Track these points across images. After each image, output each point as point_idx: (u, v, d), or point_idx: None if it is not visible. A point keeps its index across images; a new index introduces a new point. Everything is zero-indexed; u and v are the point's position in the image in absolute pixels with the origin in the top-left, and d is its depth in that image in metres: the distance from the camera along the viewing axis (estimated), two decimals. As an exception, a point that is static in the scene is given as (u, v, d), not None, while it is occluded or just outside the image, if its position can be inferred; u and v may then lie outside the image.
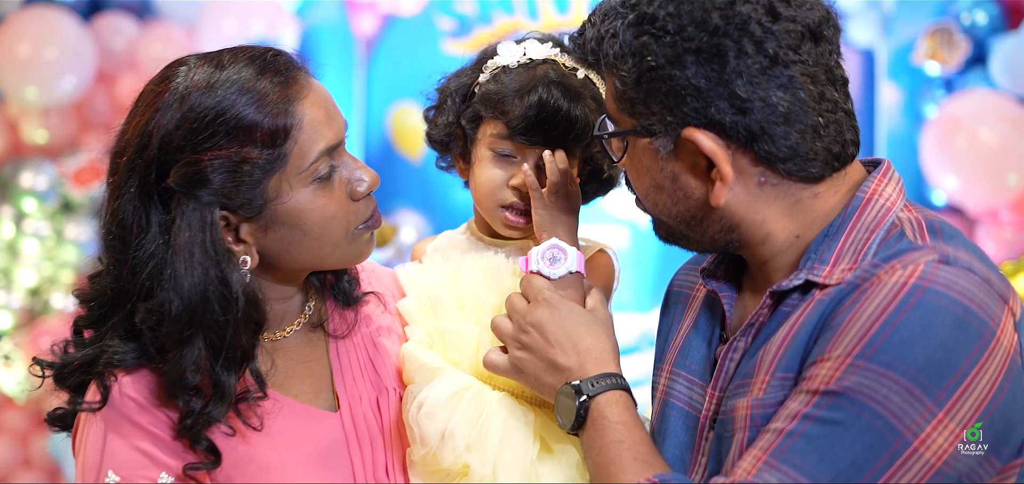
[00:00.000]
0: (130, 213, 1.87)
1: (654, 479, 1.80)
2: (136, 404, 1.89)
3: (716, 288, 1.97)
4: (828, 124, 1.78)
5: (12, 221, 5.67)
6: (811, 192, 1.82)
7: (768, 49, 1.73)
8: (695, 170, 1.82)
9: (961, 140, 5.37)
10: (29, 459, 5.88)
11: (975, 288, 1.70)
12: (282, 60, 1.92)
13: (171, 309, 1.86)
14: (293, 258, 1.97)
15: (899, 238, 1.79)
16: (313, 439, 2.00)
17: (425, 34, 6.39)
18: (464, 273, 2.16)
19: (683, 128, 1.78)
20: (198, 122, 1.84)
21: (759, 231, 1.85)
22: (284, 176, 1.89)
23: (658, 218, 1.93)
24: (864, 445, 1.66)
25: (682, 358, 2.02)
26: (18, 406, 5.82)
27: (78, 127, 5.82)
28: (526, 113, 2.09)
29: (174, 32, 5.80)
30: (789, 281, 1.82)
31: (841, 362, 1.68)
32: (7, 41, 5.58)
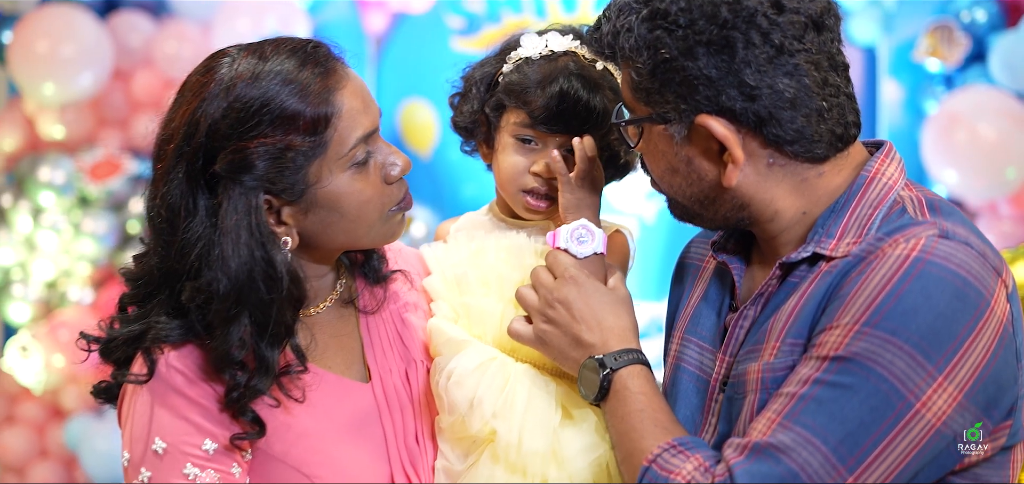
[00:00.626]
0: (178, 197, 1.96)
1: (673, 441, 1.91)
2: (182, 376, 1.98)
3: (726, 260, 2.08)
4: (831, 108, 1.90)
5: (30, 215, 5.71)
6: (816, 171, 1.94)
7: (774, 39, 1.85)
8: (708, 153, 1.94)
9: (961, 135, 5.40)
10: (46, 450, 5.98)
11: (972, 261, 1.82)
12: (322, 52, 2.02)
13: (219, 288, 1.94)
14: (330, 239, 2.07)
15: (900, 214, 1.91)
16: (347, 408, 2.10)
17: (434, 32, 6.40)
18: (488, 252, 2.25)
19: (696, 115, 1.90)
20: (244, 111, 1.93)
21: (768, 209, 1.97)
22: (324, 162, 1.99)
23: (673, 199, 2.05)
24: (871, 407, 1.78)
25: (693, 325, 2.13)
26: (35, 397, 5.90)
27: (95, 123, 5.86)
28: (548, 103, 2.18)
29: (189, 30, 5.83)
30: (798, 253, 1.94)
31: (849, 329, 1.80)
32: (25, 38, 5.61)
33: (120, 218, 5.80)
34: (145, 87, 5.84)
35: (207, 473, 1.97)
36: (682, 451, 1.89)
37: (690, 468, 1.86)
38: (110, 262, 5.82)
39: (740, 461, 1.81)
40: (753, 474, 1.79)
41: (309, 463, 2.03)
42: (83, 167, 5.68)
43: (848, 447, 1.78)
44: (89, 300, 5.84)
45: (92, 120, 5.85)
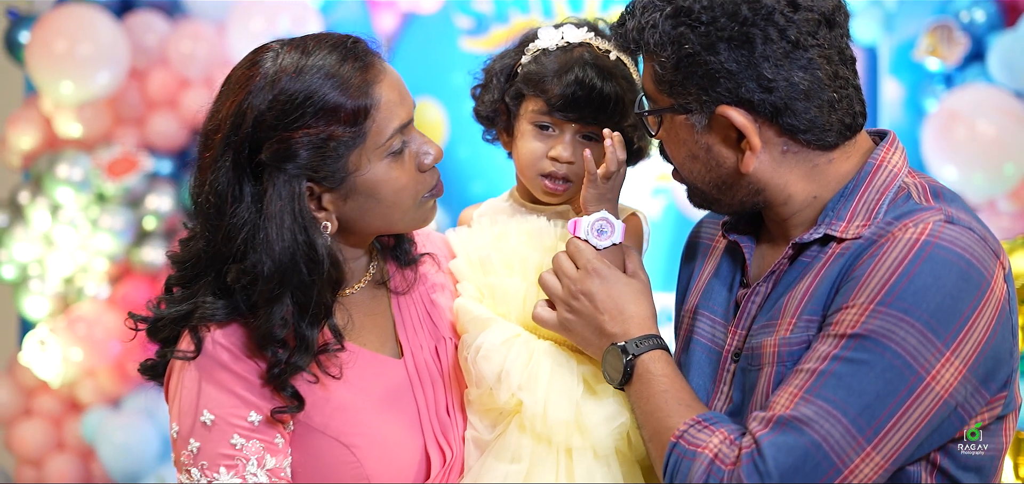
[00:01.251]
0: (225, 185, 2.05)
1: (698, 418, 2.03)
2: (228, 353, 2.08)
3: (738, 239, 2.20)
4: (841, 99, 2.03)
5: (48, 211, 5.76)
6: (826, 158, 2.07)
7: (790, 35, 1.98)
8: (727, 141, 2.07)
9: (960, 132, 5.44)
10: (62, 442, 6.00)
11: (975, 245, 1.95)
12: (361, 47, 2.12)
13: (263, 270, 2.04)
14: (367, 224, 2.17)
15: (906, 200, 2.03)
16: (382, 382, 2.20)
17: (443, 32, 6.47)
18: (510, 235, 2.35)
19: (717, 106, 2.03)
20: (289, 104, 2.03)
21: (782, 193, 2.09)
22: (363, 151, 2.08)
23: (693, 185, 2.17)
24: (886, 381, 1.90)
25: (705, 300, 2.25)
26: (52, 390, 5.92)
27: (111, 121, 5.89)
28: (564, 91, 2.29)
29: (203, 29, 5.87)
30: (810, 234, 2.06)
31: (865, 308, 1.92)
32: (44, 38, 5.64)
33: (137, 214, 5.83)
34: (161, 86, 5.87)
35: (252, 443, 2.07)
36: (708, 426, 2.01)
37: (716, 441, 1.97)
38: (126, 258, 5.87)
39: (765, 433, 1.92)
40: (778, 446, 1.91)
41: (348, 434, 2.13)
42: (100, 164, 5.72)
43: (866, 419, 1.90)
44: (106, 295, 5.88)
45: (109, 118, 5.89)
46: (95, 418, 5.86)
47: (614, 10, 6.21)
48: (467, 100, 2.53)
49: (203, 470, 2.07)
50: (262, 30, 5.67)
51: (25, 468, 5.99)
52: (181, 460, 2.11)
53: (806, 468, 1.90)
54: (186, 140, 5.95)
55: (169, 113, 5.91)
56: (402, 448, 2.18)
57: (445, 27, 6.50)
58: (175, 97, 5.90)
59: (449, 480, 2.22)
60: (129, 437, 5.75)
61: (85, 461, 6.00)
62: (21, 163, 5.99)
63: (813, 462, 1.90)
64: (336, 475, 2.13)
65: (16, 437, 5.96)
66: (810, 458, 1.90)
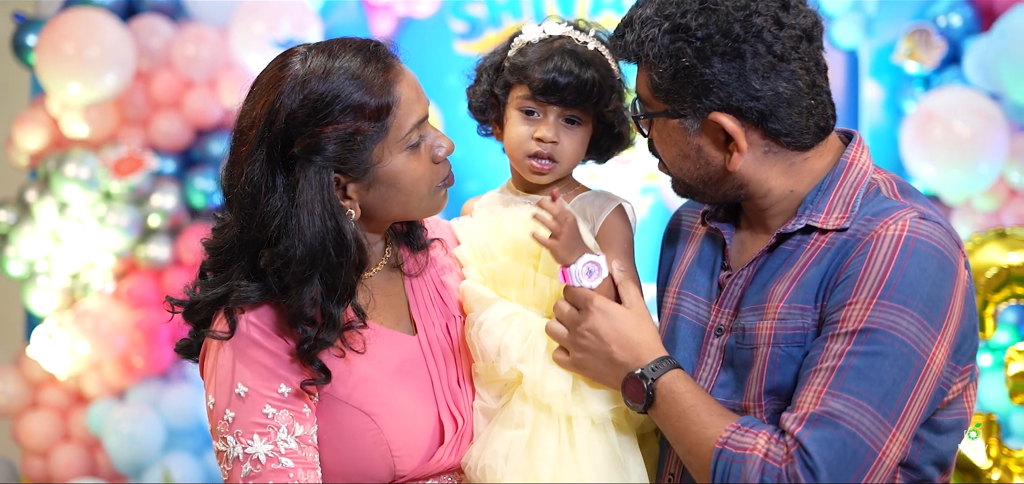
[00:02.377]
0: (259, 176, 2.21)
1: (737, 423, 2.20)
2: (260, 331, 2.25)
3: (719, 227, 2.40)
4: (817, 105, 2.24)
5: (55, 209, 5.84)
6: (802, 157, 2.28)
7: (776, 50, 2.18)
8: (716, 143, 2.27)
9: (937, 132, 5.56)
10: (69, 433, 6.08)
11: (945, 237, 2.18)
12: (382, 50, 2.29)
13: (296, 253, 2.19)
14: (387, 210, 2.33)
15: (876, 194, 2.25)
16: (398, 357, 2.37)
17: (438, 35, 6.57)
18: (506, 223, 2.52)
19: (710, 112, 2.23)
20: (319, 102, 2.19)
21: (762, 187, 2.29)
22: (385, 144, 2.25)
23: (681, 179, 2.36)
24: (899, 368, 2.12)
25: (688, 281, 2.45)
26: (59, 382, 6.00)
27: (117, 121, 5.97)
28: (545, 76, 2.46)
29: (206, 33, 5.95)
30: (793, 225, 2.27)
31: (868, 303, 2.13)
32: (52, 41, 5.71)
33: (142, 212, 5.90)
34: (165, 87, 5.94)
35: (282, 413, 2.23)
36: (749, 430, 2.18)
37: (763, 442, 2.14)
38: (132, 254, 5.96)
39: (804, 431, 2.11)
40: (819, 441, 2.10)
41: (369, 403, 2.30)
42: (106, 163, 5.79)
43: (888, 404, 2.12)
44: (111, 290, 5.97)
45: (115, 119, 5.98)
46: (101, 410, 5.95)
47: (603, 15, 6.38)
48: (461, 101, 2.70)
49: (238, 437, 2.22)
50: (263, 33, 5.80)
51: (32, 459, 6.06)
52: (217, 428, 2.25)
53: (846, 457, 2.10)
54: (190, 140, 6.04)
55: (173, 114, 5.99)
56: (418, 416, 2.34)
57: (440, 31, 6.59)
58: (179, 98, 5.98)
59: (460, 445, 2.39)
60: (134, 428, 5.83)
61: (91, 452, 6.08)
62: (28, 162, 6.06)
63: (851, 451, 2.10)
64: (358, 441, 2.29)
65: (24, 428, 6.02)
66: (849, 447, 2.10)
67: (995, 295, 4.16)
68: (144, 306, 5.95)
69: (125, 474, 6.00)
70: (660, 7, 2.24)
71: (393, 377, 2.36)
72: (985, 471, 4.18)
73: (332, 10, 6.37)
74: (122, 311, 5.91)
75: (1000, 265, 4.14)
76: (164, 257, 5.98)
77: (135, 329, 5.90)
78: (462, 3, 6.62)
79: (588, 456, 2.36)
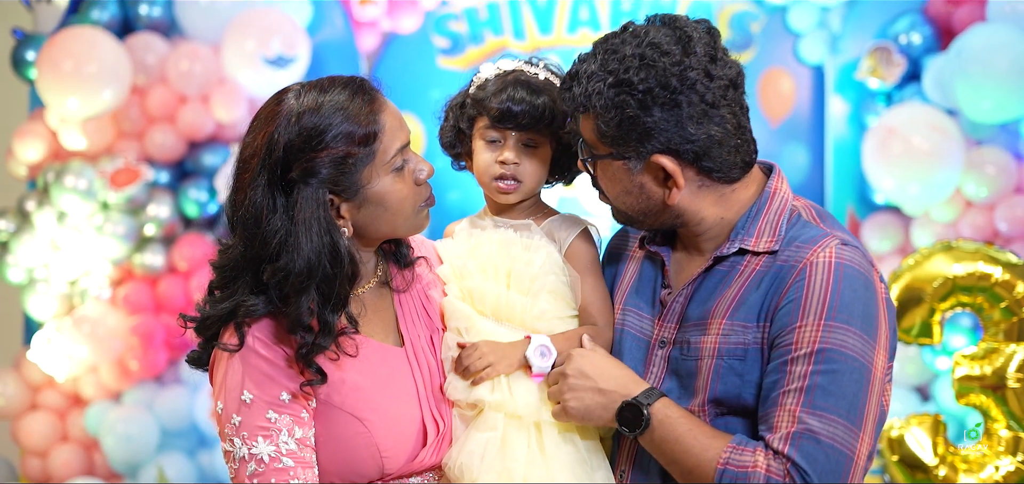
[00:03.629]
0: (261, 199, 2.40)
1: (732, 443, 2.41)
2: (262, 343, 2.44)
3: (659, 250, 2.64)
4: (743, 143, 2.51)
5: (54, 218, 5.93)
6: (731, 189, 2.54)
7: (708, 98, 2.42)
8: (656, 180, 2.51)
9: (897, 147, 5.73)
10: (67, 433, 6.17)
11: (863, 259, 2.46)
12: (367, 85, 2.50)
13: (295, 267, 2.38)
14: (376, 229, 2.52)
15: (798, 220, 2.52)
16: (387, 367, 2.56)
17: (422, 51, 6.76)
18: (482, 245, 2.73)
19: (651, 155, 2.47)
20: (313, 131, 2.40)
21: (696, 216, 2.55)
22: (373, 167, 2.45)
23: (622, 211, 2.60)
24: (854, 380, 2.38)
25: (632, 298, 2.69)
26: (57, 385, 6.10)
27: (114, 134, 6.05)
28: (500, 106, 2.68)
29: (200, 50, 6.04)
30: (727, 248, 2.53)
31: (816, 325, 2.38)
32: (52, 57, 5.79)
33: (137, 221, 6.03)
34: (160, 102, 6.07)
35: (284, 417, 2.43)
36: (744, 448, 2.39)
37: (761, 459, 2.36)
38: (128, 261, 6.06)
39: (791, 449, 2.35)
40: (805, 453, 2.35)
41: (361, 409, 2.49)
42: (103, 175, 5.89)
43: (855, 413, 2.37)
44: (108, 296, 6.06)
45: (112, 132, 6.08)
46: (98, 411, 6.07)
47: (581, 32, 6.59)
48: None
49: (244, 439, 2.42)
50: (254, 50, 5.95)
51: (31, 458, 6.16)
52: (225, 431, 2.44)
53: (831, 466, 2.35)
54: (183, 152, 6.14)
55: (168, 127, 6.10)
56: (404, 421, 2.53)
57: (424, 46, 6.77)
58: (173, 112, 6.09)
59: (441, 447, 2.59)
60: (130, 429, 5.95)
61: (88, 452, 6.19)
62: (28, 173, 6.14)
63: (834, 460, 2.35)
64: (351, 443, 2.48)
65: (23, 429, 6.12)
66: (831, 458, 2.35)
67: (942, 303, 4.40)
68: (140, 312, 6.06)
69: (121, 473, 6.12)
70: (603, 63, 2.46)
71: (382, 386, 2.54)
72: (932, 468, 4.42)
73: (320, 27, 6.51)
74: (118, 316, 6.02)
75: (946, 275, 4.37)
76: (159, 264, 6.09)
77: (131, 334, 6.00)
78: (445, 20, 6.78)
79: (557, 458, 2.57)
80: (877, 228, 6.15)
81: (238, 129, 6.17)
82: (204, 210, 6.14)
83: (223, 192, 6.02)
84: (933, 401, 5.99)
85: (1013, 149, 5.88)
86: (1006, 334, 4.36)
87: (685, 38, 2.44)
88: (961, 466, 4.40)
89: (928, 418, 4.52)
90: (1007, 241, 5.77)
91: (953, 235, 5.81)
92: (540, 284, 2.66)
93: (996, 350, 4.35)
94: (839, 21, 6.45)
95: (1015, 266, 4.34)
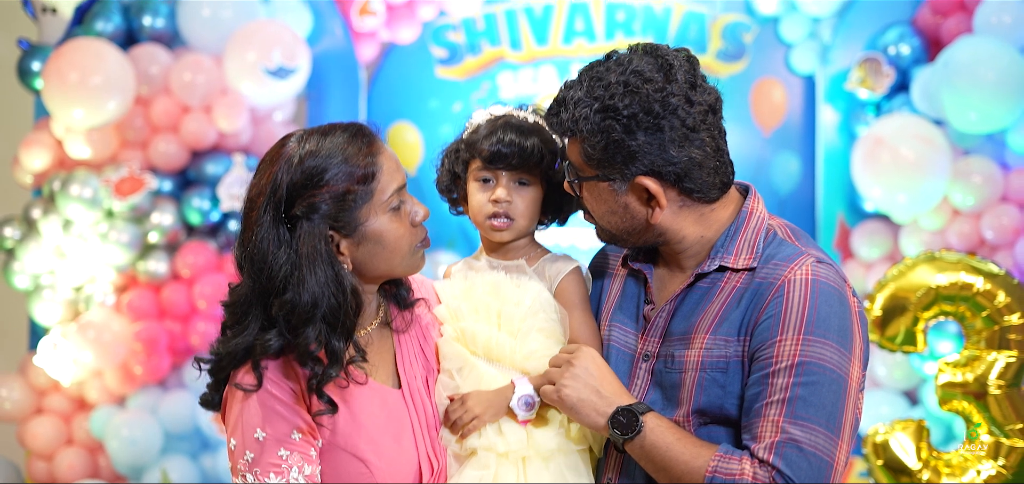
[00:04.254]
0: (266, 235, 2.50)
1: (719, 452, 2.50)
2: (272, 381, 2.52)
3: (641, 267, 2.74)
4: (721, 165, 2.60)
5: (60, 226, 5.99)
6: (710, 209, 2.64)
7: (689, 123, 2.52)
8: (639, 200, 2.60)
9: (885, 157, 5.81)
10: (72, 438, 6.24)
11: (837, 276, 2.56)
12: (365, 130, 2.59)
13: (301, 299, 2.47)
14: (375, 267, 2.60)
15: (774, 238, 2.62)
16: (386, 409, 2.64)
17: (420, 61, 6.84)
18: (476, 287, 2.80)
19: (636, 176, 2.56)
20: (314, 171, 2.50)
21: (677, 235, 2.65)
22: (371, 206, 2.54)
23: (606, 229, 2.69)
24: (833, 391, 2.48)
25: (616, 314, 2.77)
26: (63, 389, 6.17)
27: (118, 144, 6.15)
28: (491, 147, 2.75)
29: (202, 61, 6.09)
30: (708, 266, 2.63)
31: (795, 340, 2.47)
32: (58, 68, 5.86)
33: (141, 229, 6.10)
34: (163, 112, 6.14)
35: (294, 455, 2.50)
36: (731, 457, 2.48)
37: (747, 467, 2.45)
38: (132, 268, 6.13)
39: (776, 458, 2.45)
40: (789, 461, 2.44)
41: (363, 450, 2.57)
42: (108, 183, 5.99)
43: (834, 422, 2.47)
44: (112, 302, 6.13)
45: (116, 141, 6.14)
46: (102, 415, 6.14)
47: (576, 43, 6.68)
48: (442, 124, 2.98)
49: (256, 475, 2.49)
50: (256, 61, 6.03)
51: (37, 462, 6.23)
52: (238, 467, 2.51)
53: (813, 473, 2.45)
54: (186, 161, 6.21)
55: (171, 136, 6.19)
56: (403, 460, 2.61)
57: (422, 57, 6.85)
58: (177, 122, 6.18)
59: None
60: (134, 433, 6.02)
61: (93, 455, 6.26)
62: (33, 182, 6.21)
63: (816, 467, 2.43)
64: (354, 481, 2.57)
65: (29, 433, 6.19)
66: (813, 465, 2.44)
67: (925, 312, 4.49)
68: (143, 318, 6.13)
69: (125, 476, 6.19)
70: (589, 90, 2.55)
71: (383, 427, 2.62)
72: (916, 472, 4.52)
73: (320, 38, 6.60)
74: (123, 322, 6.09)
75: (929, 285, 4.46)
76: (162, 271, 6.16)
77: (135, 339, 6.07)
78: (442, 31, 6.86)
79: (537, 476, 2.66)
80: (866, 235, 6.25)
81: (240, 139, 6.26)
82: (207, 218, 6.21)
83: (225, 200, 6.14)
84: (921, 405, 6.09)
85: (999, 159, 5.97)
86: (987, 342, 4.45)
87: (667, 66, 2.54)
88: (944, 470, 4.49)
89: (912, 423, 4.61)
90: (993, 249, 5.85)
91: (941, 243, 5.91)
92: (529, 324, 2.74)
93: (978, 357, 4.44)
94: (830, 32, 6.54)
95: (996, 276, 4.42)
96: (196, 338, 6.15)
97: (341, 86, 6.67)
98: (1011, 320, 4.39)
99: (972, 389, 4.41)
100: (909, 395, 6.17)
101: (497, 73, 6.86)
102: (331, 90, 6.68)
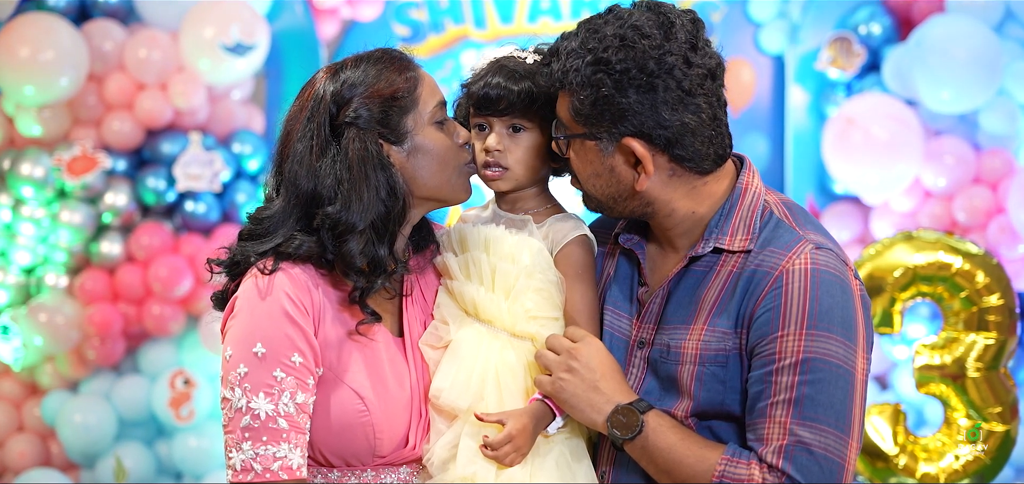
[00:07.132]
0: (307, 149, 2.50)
1: (726, 453, 2.43)
2: (289, 301, 2.47)
3: (634, 247, 2.63)
4: (717, 135, 2.49)
5: (10, 207, 5.90)
6: (702, 181, 2.52)
7: (685, 85, 2.41)
8: (627, 164, 2.50)
9: (856, 137, 5.78)
10: (23, 424, 6.14)
11: (838, 262, 2.46)
12: (399, 52, 2.62)
13: (351, 207, 2.46)
14: (425, 181, 2.58)
15: (771, 218, 2.51)
16: (389, 353, 2.61)
17: (382, 39, 6.34)
18: (468, 241, 2.70)
19: (623, 137, 2.46)
20: (355, 81, 2.51)
21: (667, 207, 2.53)
22: (417, 115, 2.55)
23: (593, 195, 2.59)
24: (840, 388, 2.39)
25: (610, 297, 2.68)
26: (13, 374, 6.06)
27: (71, 122, 6.01)
28: (480, 91, 2.66)
29: (158, 37, 6.00)
30: (702, 248, 2.52)
31: (797, 335, 2.40)
32: (8, 44, 5.75)
33: (95, 210, 5.99)
34: (117, 89, 5.99)
35: (289, 378, 2.43)
36: (739, 461, 2.42)
37: (756, 472, 2.40)
38: (85, 250, 6.03)
39: (785, 462, 2.38)
40: (799, 465, 2.37)
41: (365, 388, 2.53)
42: (60, 163, 5.85)
43: (843, 421, 2.40)
44: (65, 285, 6.02)
45: (68, 119, 6.05)
46: (54, 401, 6.04)
47: (541, 21, 6.59)
48: None
49: (245, 391, 2.42)
50: (213, 37, 5.92)
51: None
52: (228, 377, 2.45)
53: (824, 476, 2.38)
54: (141, 140, 6.11)
55: (125, 114, 6.04)
56: (398, 407, 2.57)
57: (384, 34, 6.21)
58: (131, 100, 6.04)
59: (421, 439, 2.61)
60: (87, 419, 5.93)
61: (44, 442, 6.16)
62: None
63: (827, 470, 2.38)
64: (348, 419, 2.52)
65: None
66: (824, 468, 2.37)
67: (902, 293, 4.44)
68: (97, 301, 6.02)
69: (78, 464, 6.09)
70: (584, 41, 2.45)
71: (385, 370, 2.59)
72: (893, 457, 4.46)
73: (279, 14, 6.50)
74: (75, 306, 5.99)
75: (907, 265, 4.41)
76: (116, 253, 6.06)
77: (88, 323, 5.97)
78: (405, 8, 6.80)
79: (540, 464, 2.56)
80: (836, 217, 6.21)
81: (197, 116, 6.16)
82: (162, 198, 6.11)
83: (182, 180, 6.04)
84: (892, 390, 6.04)
85: (971, 140, 5.96)
86: (965, 324, 4.41)
87: (667, 23, 2.44)
88: (921, 455, 4.45)
89: (888, 407, 4.57)
90: (965, 231, 5.82)
91: (912, 225, 5.88)
92: (524, 284, 2.63)
93: (956, 339, 4.40)
94: (799, 11, 6.49)
95: (975, 256, 4.39)
96: (151, 322, 6.06)
97: (301, 64, 6.55)
98: (990, 301, 4.35)
99: (950, 371, 4.37)
100: (879, 380, 6.13)
101: (461, 52, 6.79)
102: (291, 68, 6.58)
